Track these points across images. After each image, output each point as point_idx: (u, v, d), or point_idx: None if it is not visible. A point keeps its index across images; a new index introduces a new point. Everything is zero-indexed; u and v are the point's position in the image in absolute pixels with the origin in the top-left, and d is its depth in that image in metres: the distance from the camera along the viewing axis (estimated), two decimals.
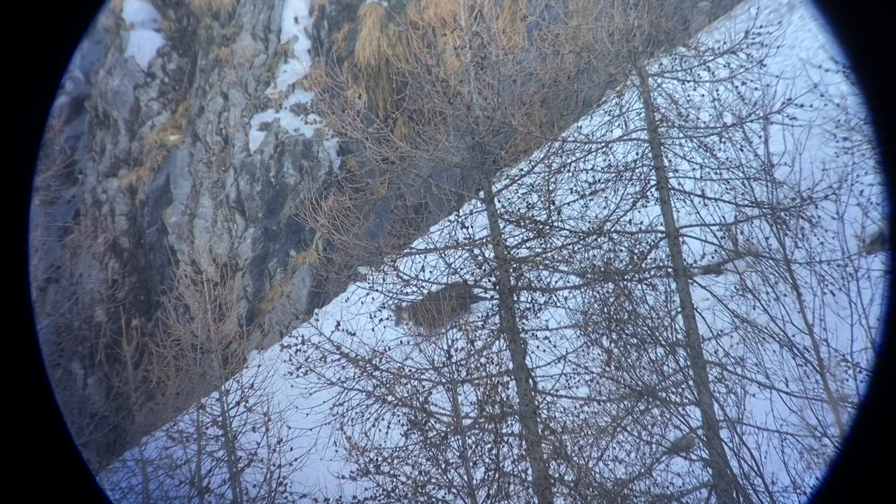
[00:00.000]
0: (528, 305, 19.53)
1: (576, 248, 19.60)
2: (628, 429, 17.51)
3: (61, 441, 6.22)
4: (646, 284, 19.21)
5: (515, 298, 19.42)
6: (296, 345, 21.29)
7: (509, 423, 18.56)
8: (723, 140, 19.64)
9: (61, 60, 6.13)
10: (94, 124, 31.80)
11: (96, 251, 29.25)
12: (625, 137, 20.34)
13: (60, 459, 6.16)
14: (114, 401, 22.16)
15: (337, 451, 19.14)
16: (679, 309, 18.67)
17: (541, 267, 19.63)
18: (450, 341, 19.23)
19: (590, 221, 19.89)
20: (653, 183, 19.84)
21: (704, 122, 20.04)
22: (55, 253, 28.18)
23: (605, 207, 19.99)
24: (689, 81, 20.02)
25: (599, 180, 20.17)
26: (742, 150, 19.40)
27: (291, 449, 20.01)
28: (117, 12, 32.92)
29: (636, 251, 19.54)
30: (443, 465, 17.85)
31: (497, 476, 17.75)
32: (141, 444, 20.53)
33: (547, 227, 19.80)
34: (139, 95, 31.99)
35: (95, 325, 26.27)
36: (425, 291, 19.92)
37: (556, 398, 18.58)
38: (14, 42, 5.80)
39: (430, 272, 20.00)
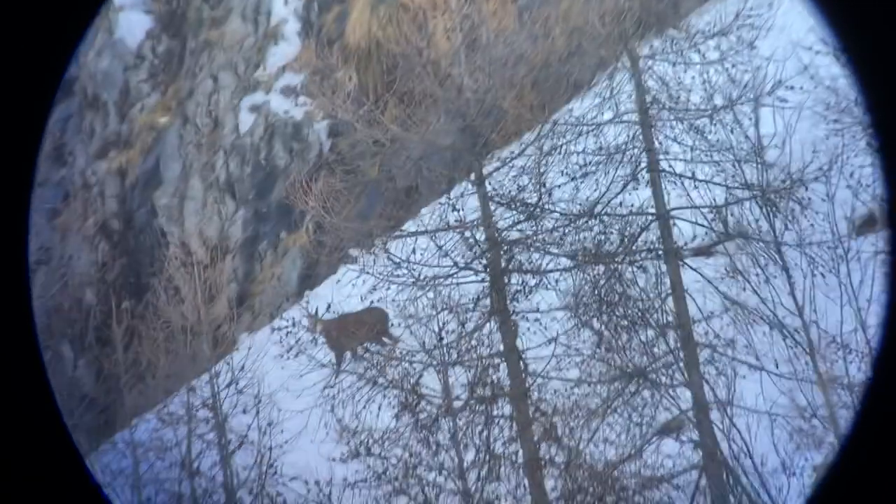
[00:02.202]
0: (519, 287, 19.52)
1: (567, 231, 19.59)
2: (619, 410, 17.54)
3: (53, 425, 6.20)
4: (636, 266, 19.21)
5: (506, 280, 19.41)
6: (286, 327, 21.30)
7: (500, 404, 18.55)
8: (713, 122, 19.64)
9: (62, 59, 6.10)
10: (83, 106, 31.74)
11: (86, 233, 29.20)
12: (615, 120, 20.32)
13: (51, 443, 6.14)
14: (103, 383, 22.13)
15: (328, 433, 19.18)
16: (669, 291, 18.69)
17: (532, 249, 19.62)
18: (441, 323, 19.23)
19: (580, 204, 19.87)
20: (643, 165, 19.84)
21: (695, 105, 20.04)
22: (45, 235, 28.12)
23: (595, 190, 19.96)
24: (679, 64, 20.00)
25: (590, 163, 20.14)
26: (732, 133, 19.42)
27: (282, 431, 19.96)
28: None
29: (627, 233, 19.54)
30: (434, 448, 17.88)
31: (487, 458, 17.77)
32: (131, 426, 20.49)
33: (538, 210, 19.78)
34: (128, 77, 31.93)
35: (85, 307, 26.26)
36: (415, 275, 19.89)
37: (546, 380, 18.58)
38: (14, 41, 5.77)
39: (421, 255, 19.98)
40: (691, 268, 19.23)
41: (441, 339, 19.02)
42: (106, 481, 19.45)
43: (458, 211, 19.92)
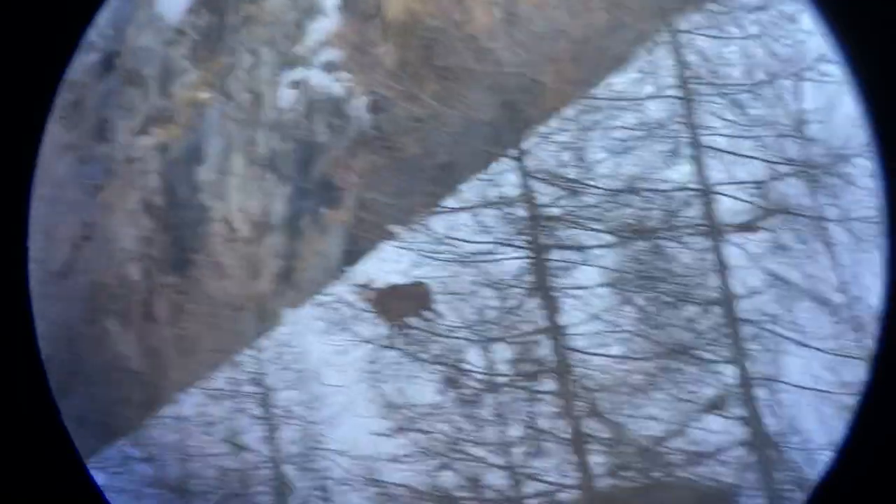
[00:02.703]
0: (560, 264, 19.55)
1: (608, 207, 19.60)
2: (663, 387, 17.58)
3: (53, 425, 6.26)
4: (679, 242, 19.21)
5: (548, 257, 19.45)
6: (329, 303, 21.42)
7: (544, 380, 18.62)
8: (755, 97, 19.58)
9: (62, 58, 6.16)
10: (125, 82, 31.85)
11: (129, 209, 29.36)
12: (656, 95, 20.30)
13: (51, 444, 6.20)
14: (149, 358, 22.32)
15: (372, 408, 19.29)
16: (713, 267, 18.69)
17: (573, 225, 19.64)
18: (482, 299, 19.32)
19: (622, 179, 19.87)
20: (685, 140, 19.81)
21: (736, 79, 19.98)
22: (88, 211, 28.27)
23: (637, 165, 19.95)
24: (720, 38, 19.94)
25: (631, 138, 20.13)
26: (774, 108, 19.36)
27: (327, 406, 20.12)
28: None
29: (669, 209, 19.53)
30: (478, 423, 17.98)
31: (532, 433, 17.87)
32: (177, 401, 20.69)
33: (579, 185, 19.80)
34: (169, 53, 32.00)
35: (130, 282, 26.42)
36: (456, 251, 19.97)
37: (590, 356, 18.63)
38: (15, 40, 5.83)
39: (462, 231, 20.04)
40: (734, 244, 19.21)
41: (483, 315, 19.09)
42: (153, 454, 19.72)
43: (499, 187, 19.95)
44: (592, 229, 19.60)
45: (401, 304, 21.70)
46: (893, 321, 6.52)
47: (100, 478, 18.06)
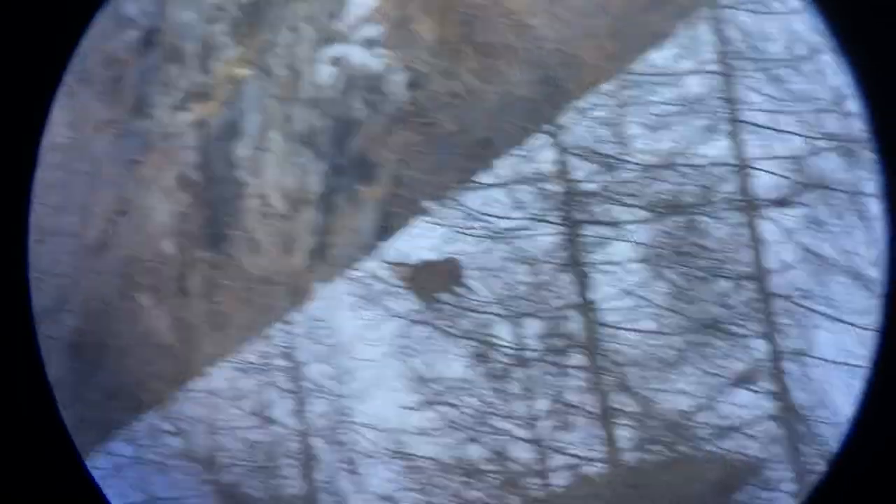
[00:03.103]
0: (594, 239, 19.44)
1: (644, 182, 19.48)
2: (693, 361, 17.47)
3: (52, 425, 6.18)
4: (714, 218, 19.07)
5: (582, 232, 19.35)
6: (361, 278, 21.43)
7: (573, 355, 18.54)
8: (795, 72, 19.40)
9: (62, 57, 6.07)
10: (164, 58, 31.98)
11: (166, 184, 29.51)
12: (695, 70, 20.16)
13: (50, 444, 6.11)
14: (181, 332, 22.40)
15: (401, 382, 19.29)
16: (747, 242, 18.53)
17: (608, 201, 19.53)
18: (514, 275, 19.26)
19: (659, 155, 19.74)
20: (723, 115, 19.67)
21: (776, 54, 19.81)
22: (125, 186, 28.40)
23: (674, 141, 19.83)
24: (761, 13, 19.75)
25: (669, 113, 20.01)
26: (814, 82, 19.17)
27: (357, 380, 20.15)
28: None
29: (705, 184, 19.40)
30: (506, 397, 17.93)
31: (560, 408, 17.81)
32: (207, 374, 20.76)
33: (615, 161, 19.69)
34: (209, 29, 32.10)
35: (165, 257, 26.53)
36: (490, 227, 19.92)
37: (620, 331, 18.52)
38: (15, 39, 5.75)
39: (497, 207, 19.99)
40: (769, 218, 19.05)
41: (514, 290, 19.03)
42: (183, 427, 19.79)
43: (534, 162, 19.87)
44: (627, 205, 19.51)
45: (433, 280, 21.65)
46: (894, 317, 6.39)
47: (129, 450, 18.19)
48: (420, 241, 22.47)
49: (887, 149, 6.39)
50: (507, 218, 19.87)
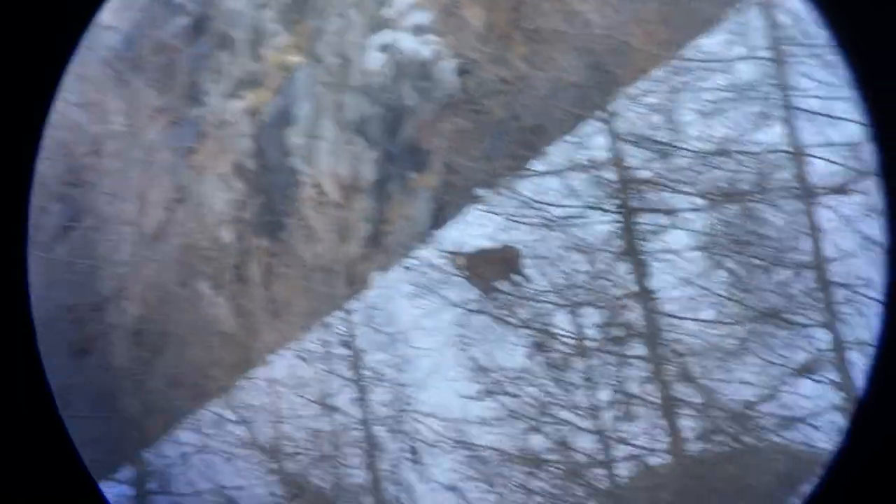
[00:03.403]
0: (650, 227, 19.46)
1: (699, 169, 19.45)
2: (755, 351, 17.49)
3: (52, 426, 6.29)
4: (771, 205, 19.04)
5: (638, 220, 19.37)
6: (417, 266, 21.53)
7: (633, 345, 18.59)
8: None
9: (62, 57, 6.16)
10: (216, 46, 32.12)
11: (221, 172, 29.69)
12: (747, 56, 20.09)
13: (50, 443, 6.23)
14: (241, 320, 22.60)
15: (461, 371, 19.39)
16: (805, 230, 18.51)
17: (663, 188, 19.53)
18: (571, 263, 19.29)
19: (713, 142, 19.71)
20: (776, 102, 19.60)
21: (829, 40, 19.64)
22: (181, 174, 28.61)
23: (728, 127, 19.79)
24: None
25: (722, 100, 19.96)
26: None
27: (416, 369, 20.27)
28: None
29: (761, 171, 19.36)
30: (567, 387, 18.01)
31: (622, 398, 17.87)
32: (268, 363, 20.93)
33: (669, 148, 19.67)
34: (260, 16, 32.20)
35: (222, 245, 26.74)
36: (544, 215, 19.94)
37: (680, 320, 18.56)
38: (15, 39, 5.84)
39: (551, 195, 20.00)
40: (827, 206, 19.00)
41: (571, 279, 19.07)
42: (245, 416, 19.99)
43: (588, 150, 19.87)
44: (683, 192, 19.47)
45: (490, 268, 21.73)
46: (894, 318, 6.49)
47: (193, 439, 18.37)
48: (475, 229, 22.52)
49: (887, 150, 6.48)
50: (562, 206, 19.85)
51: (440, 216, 24.97)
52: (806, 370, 17.61)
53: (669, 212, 19.50)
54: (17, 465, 6.00)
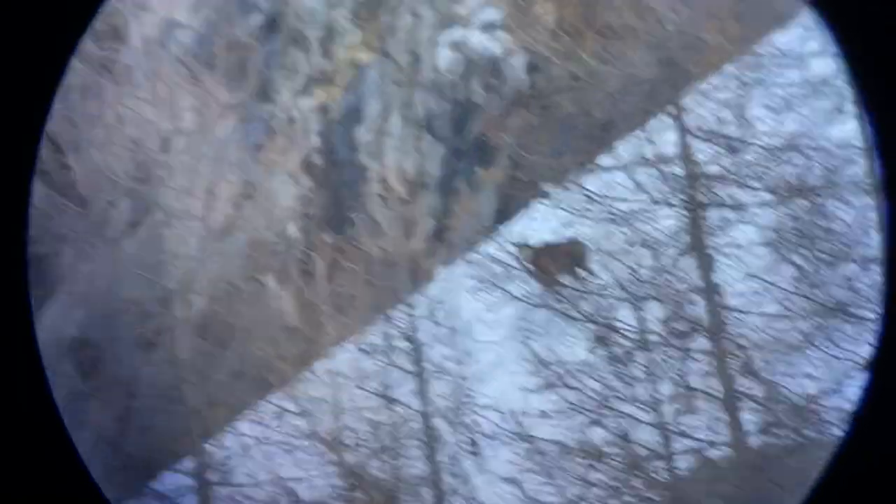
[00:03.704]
0: (718, 222, 19.24)
1: (768, 164, 19.22)
2: (819, 345, 17.24)
3: (52, 428, 6.22)
4: (840, 200, 18.77)
5: (705, 215, 19.17)
6: (481, 261, 21.50)
7: (696, 339, 18.39)
8: None
9: (61, 59, 6.10)
10: (287, 43, 32.36)
11: (289, 168, 29.91)
12: (820, 51, 19.83)
13: (49, 444, 6.16)
14: (305, 314, 22.71)
15: (522, 364, 19.31)
16: (874, 225, 18.21)
17: (732, 183, 19.32)
18: (636, 258, 19.15)
19: (783, 137, 19.48)
20: (849, 97, 19.33)
21: None
22: (250, 170, 28.83)
23: (799, 122, 19.54)
24: None
25: (794, 95, 19.72)
26: None
27: (477, 362, 20.24)
28: None
29: (830, 167, 19.10)
30: (628, 381, 17.85)
31: (684, 391, 17.69)
32: (331, 355, 21.01)
33: (738, 143, 19.47)
34: (332, 14, 32.38)
35: (288, 240, 26.89)
36: (611, 210, 19.80)
37: (744, 315, 18.33)
38: (15, 39, 5.79)
39: (617, 190, 19.88)
40: None
41: (636, 274, 18.92)
42: (307, 408, 20.05)
43: (656, 145, 19.71)
44: (751, 187, 19.25)
45: (556, 262, 21.62)
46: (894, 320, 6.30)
47: (254, 430, 18.44)
48: (540, 223, 22.48)
49: (888, 152, 6.30)
50: (628, 201, 19.72)
51: (505, 211, 24.92)
52: (870, 365, 17.29)
53: (737, 207, 19.27)
54: (18, 466, 5.96)
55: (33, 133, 6.09)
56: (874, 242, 18.04)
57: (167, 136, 22.06)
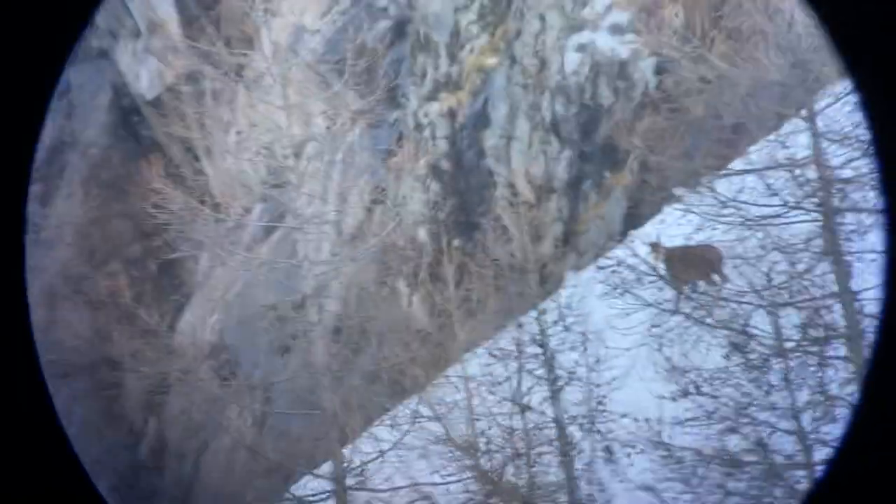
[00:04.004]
0: (853, 227, 18.96)
1: None
2: None
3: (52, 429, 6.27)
4: None
5: (840, 220, 18.89)
6: (611, 266, 21.44)
7: (834, 346, 18.15)
8: None
9: (60, 58, 6.16)
10: (415, 48, 32.60)
11: (418, 173, 30.16)
12: None
13: (49, 445, 6.22)
14: (437, 318, 22.88)
15: (656, 371, 19.23)
16: None
17: (866, 187, 19.01)
18: (770, 264, 18.95)
19: None
20: None
21: None
22: (380, 175, 29.17)
23: None
24: None
25: None
26: None
27: (610, 368, 20.19)
28: None
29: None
30: (765, 388, 17.69)
31: (822, 399, 17.46)
32: (463, 360, 21.12)
33: (873, 147, 19.11)
34: (459, 19, 32.54)
35: (418, 245, 27.16)
36: (743, 214, 19.60)
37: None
38: (14, 39, 5.86)
39: (749, 194, 19.68)
40: None
41: (770, 279, 18.71)
42: (441, 412, 20.19)
43: (789, 148, 19.47)
44: None
45: (691, 267, 21.48)
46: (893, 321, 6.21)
47: (390, 435, 18.58)
48: (672, 228, 22.35)
49: (888, 154, 6.19)
50: (762, 205, 19.51)
51: (636, 215, 24.85)
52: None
53: (873, 211, 18.96)
54: (17, 467, 6.07)
55: (31, 133, 6.16)
56: None
57: (299, 142, 22.33)
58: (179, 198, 21.72)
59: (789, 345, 18.08)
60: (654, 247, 21.63)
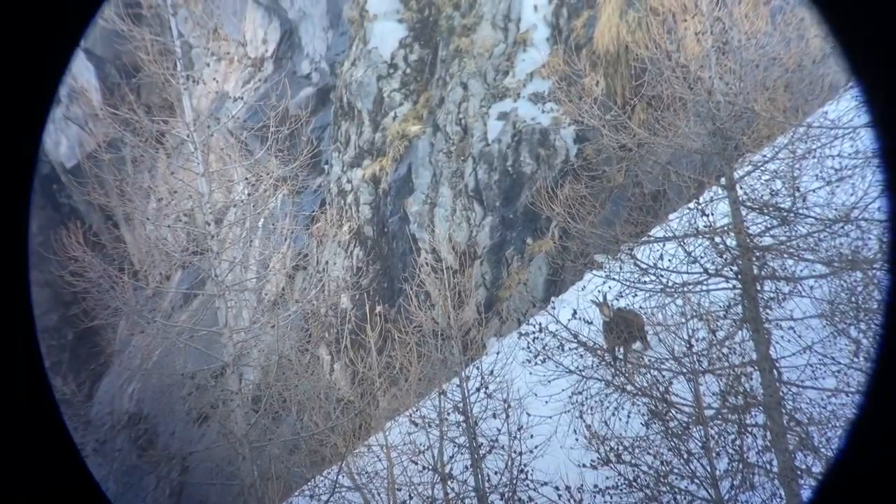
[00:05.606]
0: (772, 295, 19.10)
1: (822, 237, 19.06)
2: None
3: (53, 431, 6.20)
4: None
5: (759, 287, 19.02)
6: (533, 332, 21.40)
7: (753, 413, 18.21)
8: None
9: (60, 62, 6.13)
10: (338, 115, 32.63)
11: (341, 239, 30.07)
12: (873, 123, 19.64)
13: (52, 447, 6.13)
14: (359, 386, 22.72)
15: (577, 439, 19.17)
16: None
17: (785, 255, 19.17)
18: (690, 331, 18.99)
19: (836, 209, 19.31)
20: None
21: None
22: (302, 241, 29.03)
23: (852, 194, 19.37)
24: None
25: (846, 167, 19.57)
26: None
27: (532, 436, 20.10)
28: (361, 3, 33.64)
29: (885, 239, 18.91)
30: (685, 456, 17.66)
31: (741, 467, 17.48)
32: (385, 429, 20.97)
33: (791, 215, 19.32)
34: (382, 86, 32.65)
35: (341, 311, 26.98)
36: (663, 281, 19.69)
37: (801, 389, 18.15)
38: (14, 42, 5.82)
39: (669, 261, 19.77)
40: None
41: (691, 346, 18.74)
42: (361, 483, 19.97)
43: (708, 216, 19.60)
44: (805, 259, 19.08)
45: (609, 335, 21.57)
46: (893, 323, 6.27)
47: None
48: (591, 295, 22.45)
49: (890, 154, 6.27)
50: (682, 272, 19.61)
51: (556, 282, 24.91)
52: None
53: (791, 279, 19.13)
54: (18, 468, 5.97)
55: (31, 140, 6.08)
56: None
57: (220, 209, 22.21)
58: (98, 265, 21.52)
59: (709, 412, 18.09)
60: (601, 306, 21.70)
